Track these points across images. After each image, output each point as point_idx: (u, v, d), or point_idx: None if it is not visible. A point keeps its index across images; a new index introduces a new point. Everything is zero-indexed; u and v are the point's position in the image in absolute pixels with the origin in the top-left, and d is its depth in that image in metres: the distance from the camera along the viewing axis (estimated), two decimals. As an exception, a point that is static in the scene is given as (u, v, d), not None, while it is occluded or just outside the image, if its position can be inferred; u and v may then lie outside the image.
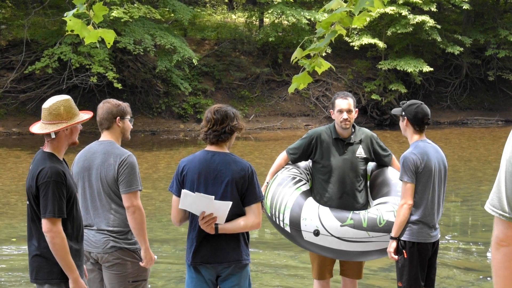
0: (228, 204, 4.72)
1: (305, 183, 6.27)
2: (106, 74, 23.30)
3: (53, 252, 4.44)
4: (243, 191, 4.80)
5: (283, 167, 6.38)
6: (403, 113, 5.86)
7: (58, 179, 4.44)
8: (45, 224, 4.42)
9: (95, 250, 5.18)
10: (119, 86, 23.39)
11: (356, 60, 30.34)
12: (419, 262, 5.75)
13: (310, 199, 6.14)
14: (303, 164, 6.44)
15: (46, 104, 4.57)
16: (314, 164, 6.33)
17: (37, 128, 4.58)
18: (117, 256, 5.15)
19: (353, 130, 6.30)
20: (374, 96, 28.81)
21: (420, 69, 27.95)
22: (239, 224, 4.82)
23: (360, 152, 6.24)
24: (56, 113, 4.52)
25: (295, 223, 6.02)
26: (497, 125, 30.54)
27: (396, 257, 5.76)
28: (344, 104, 6.17)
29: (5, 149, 21.09)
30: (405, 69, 28.00)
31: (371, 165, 6.40)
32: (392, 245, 5.75)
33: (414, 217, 5.72)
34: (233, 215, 4.81)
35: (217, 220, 4.77)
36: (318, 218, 5.96)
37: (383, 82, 29.30)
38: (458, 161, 19.83)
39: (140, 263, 5.21)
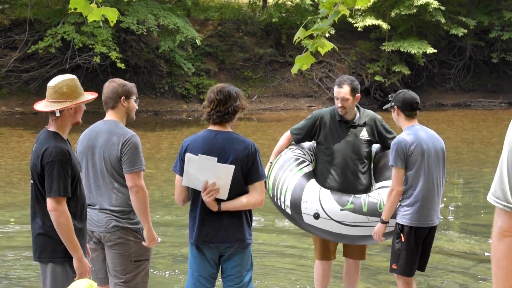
0: (231, 168, 4.72)
1: (308, 164, 6.26)
2: (109, 54, 23.25)
3: (58, 231, 4.45)
4: (247, 169, 4.80)
5: (286, 147, 6.38)
6: (393, 104, 5.89)
7: (63, 158, 4.44)
8: (50, 203, 4.43)
9: (97, 229, 5.19)
10: (122, 66, 23.36)
11: (359, 41, 30.23)
12: (415, 246, 5.79)
13: (312, 181, 6.14)
14: (307, 144, 6.43)
15: (52, 83, 4.56)
16: (317, 146, 6.33)
17: (41, 106, 4.58)
18: (119, 236, 5.15)
19: (357, 112, 6.30)
20: (377, 78, 28.75)
21: (424, 50, 27.85)
22: (242, 201, 4.83)
23: (364, 134, 6.23)
24: (61, 92, 4.52)
25: (296, 206, 6.03)
26: (500, 107, 30.49)
27: (383, 238, 5.86)
28: (338, 93, 6.19)
29: (8, 128, 21.12)
30: (408, 51, 27.91)
31: (375, 147, 6.39)
32: (382, 228, 5.83)
33: (412, 201, 5.74)
34: (236, 195, 4.82)
35: (220, 194, 4.78)
36: (318, 201, 5.97)
37: (386, 64, 29.22)
38: (461, 143, 19.82)
39: (143, 243, 5.21)
